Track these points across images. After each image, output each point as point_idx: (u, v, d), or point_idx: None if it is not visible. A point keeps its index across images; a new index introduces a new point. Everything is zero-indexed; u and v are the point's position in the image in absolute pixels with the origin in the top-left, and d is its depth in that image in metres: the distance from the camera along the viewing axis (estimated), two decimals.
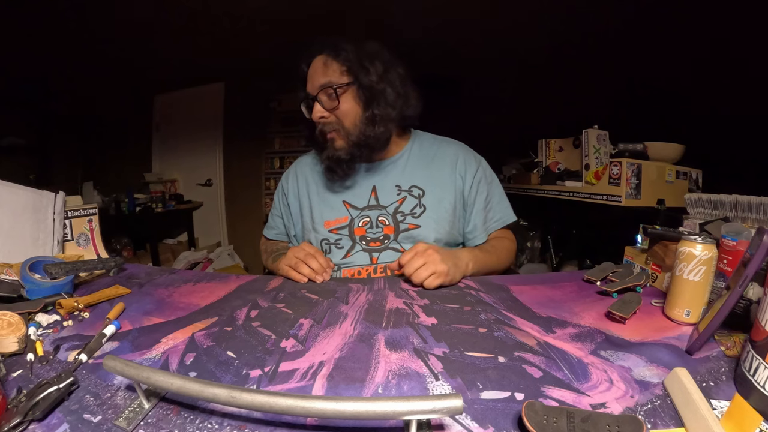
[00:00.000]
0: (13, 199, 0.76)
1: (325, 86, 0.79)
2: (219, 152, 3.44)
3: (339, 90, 0.79)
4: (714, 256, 0.50)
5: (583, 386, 0.38)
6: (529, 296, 0.63)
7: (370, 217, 0.86)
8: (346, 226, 0.86)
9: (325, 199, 0.90)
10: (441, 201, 0.86)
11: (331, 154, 0.82)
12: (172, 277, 0.77)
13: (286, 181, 0.99)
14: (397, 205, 0.86)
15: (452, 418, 0.34)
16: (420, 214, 0.85)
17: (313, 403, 0.29)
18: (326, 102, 0.80)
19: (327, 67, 0.80)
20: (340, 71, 0.80)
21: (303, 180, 0.95)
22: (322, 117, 0.81)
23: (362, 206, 0.87)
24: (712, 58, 1.74)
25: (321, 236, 0.87)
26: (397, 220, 0.85)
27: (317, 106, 0.80)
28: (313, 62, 0.82)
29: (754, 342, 0.36)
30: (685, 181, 1.54)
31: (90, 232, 0.91)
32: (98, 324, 0.54)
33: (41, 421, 0.34)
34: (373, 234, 0.85)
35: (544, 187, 1.91)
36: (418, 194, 0.86)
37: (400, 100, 0.82)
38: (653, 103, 2.00)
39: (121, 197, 3.01)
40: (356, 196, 0.88)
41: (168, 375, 0.33)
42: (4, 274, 0.63)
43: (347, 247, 0.86)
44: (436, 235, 0.84)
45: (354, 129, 0.81)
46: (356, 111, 0.81)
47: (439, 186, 0.87)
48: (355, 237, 0.86)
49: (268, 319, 0.55)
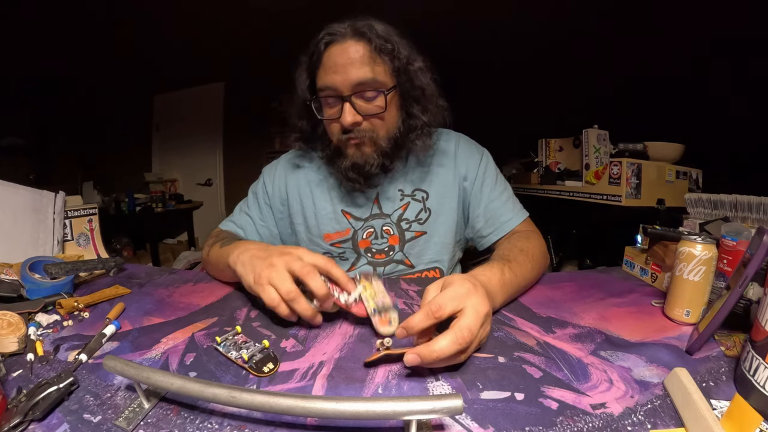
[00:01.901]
0: (13, 199, 0.76)
1: (367, 86, 0.64)
2: (219, 152, 3.44)
3: (388, 94, 0.66)
4: (714, 256, 0.50)
5: (583, 386, 0.38)
6: (529, 296, 0.63)
7: (374, 227, 0.77)
8: (349, 239, 0.78)
9: (321, 208, 0.79)
10: (445, 201, 0.78)
11: (358, 162, 0.69)
12: (172, 277, 0.77)
13: (271, 180, 0.84)
14: (401, 212, 0.77)
15: (452, 418, 0.34)
16: (426, 220, 0.77)
17: (313, 403, 0.29)
18: (362, 105, 0.65)
19: (372, 61, 0.64)
20: (385, 70, 0.65)
21: (294, 183, 0.82)
22: (356, 123, 0.66)
23: (365, 217, 0.78)
24: (713, 57, 1.74)
25: (322, 250, 0.79)
26: (401, 228, 0.77)
27: (348, 108, 0.65)
28: (343, 46, 0.64)
29: (754, 342, 0.36)
30: (685, 181, 1.54)
31: (90, 232, 0.91)
32: (98, 324, 0.54)
33: (41, 421, 0.34)
34: (378, 245, 0.78)
35: (544, 187, 1.91)
36: (421, 197, 0.77)
37: (440, 105, 0.73)
38: (653, 103, 2.00)
39: (121, 197, 3.02)
40: (358, 205, 0.78)
41: (168, 375, 0.33)
42: (4, 274, 0.63)
43: (352, 260, 0.79)
44: (443, 240, 0.78)
45: (387, 136, 0.70)
46: (396, 118, 0.70)
47: (442, 185, 0.78)
48: (359, 250, 0.78)
49: (268, 319, 0.55)
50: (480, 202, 0.78)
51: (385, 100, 0.66)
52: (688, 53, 1.85)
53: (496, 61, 2.57)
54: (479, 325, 0.40)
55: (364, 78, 0.64)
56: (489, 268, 0.54)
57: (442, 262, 0.80)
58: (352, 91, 0.65)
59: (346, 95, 0.65)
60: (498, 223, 0.77)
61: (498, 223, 0.77)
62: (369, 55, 0.64)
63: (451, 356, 0.38)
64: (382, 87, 0.65)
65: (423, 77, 0.70)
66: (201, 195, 3.53)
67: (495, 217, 0.77)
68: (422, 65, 0.70)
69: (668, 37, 1.92)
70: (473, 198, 0.79)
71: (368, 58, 0.64)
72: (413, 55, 0.69)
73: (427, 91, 0.70)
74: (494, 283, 0.52)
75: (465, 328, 0.38)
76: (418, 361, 0.38)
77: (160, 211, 3.08)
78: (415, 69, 0.68)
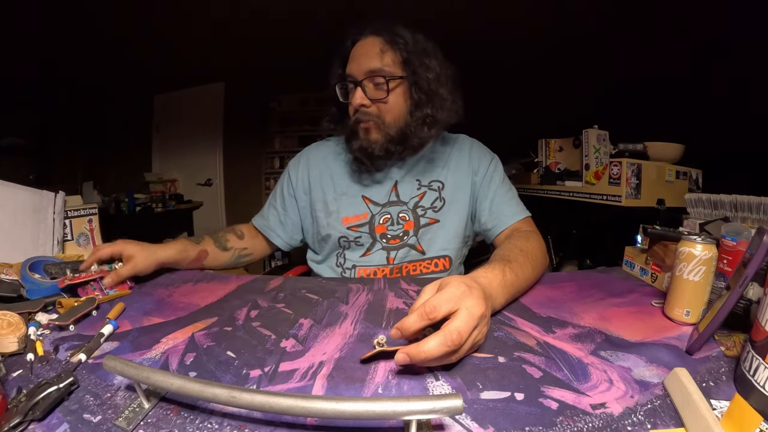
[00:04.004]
0: (13, 199, 0.76)
1: (376, 73, 0.74)
2: (219, 152, 3.44)
3: (391, 82, 0.74)
4: (714, 256, 0.50)
5: (583, 386, 0.38)
6: (529, 296, 0.63)
7: (391, 213, 0.83)
8: (366, 223, 0.83)
9: (342, 193, 0.85)
10: (459, 193, 0.84)
11: (364, 146, 0.78)
12: (172, 277, 0.77)
13: (296, 172, 0.91)
14: (417, 200, 0.83)
15: (452, 418, 0.34)
16: (440, 208, 0.83)
17: (313, 403, 0.29)
18: (371, 90, 0.75)
19: (382, 52, 0.74)
20: (394, 61, 0.74)
21: (316, 172, 0.89)
22: (363, 105, 0.75)
23: (383, 202, 0.83)
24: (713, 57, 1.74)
25: (339, 233, 0.83)
26: (417, 214, 0.82)
27: (359, 92, 0.75)
28: (363, 42, 0.76)
29: (754, 342, 0.36)
30: (685, 181, 1.54)
31: (90, 232, 0.92)
32: (98, 324, 0.54)
33: (41, 421, 0.34)
34: (394, 231, 0.82)
35: (544, 187, 1.91)
36: (438, 187, 0.84)
37: (451, 104, 0.78)
38: (653, 103, 2.00)
39: (121, 197, 3.01)
40: (376, 191, 0.84)
41: (168, 375, 0.33)
42: (4, 274, 0.63)
43: (367, 245, 0.84)
44: (454, 230, 0.83)
45: (395, 124, 0.77)
46: (402, 107, 0.77)
47: (456, 177, 0.85)
48: (375, 235, 0.83)
49: (268, 319, 0.55)
50: (487, 197, 0.85)
51: (388, 86, 0.74)
52: (688, 53, 1.85)
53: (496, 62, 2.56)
54: (471, 327, 0.40)
55: (374, 66, 0.74)
56: (490, 269, 0.55)
57: (451, 250, 0.84)
58: (364, 77, 0.75)
59: (359, 81, 0.75)
60: (502, 217, 0.83)
61: (502, 217, 0.83)
62: (381, 48, 0.74)
63: (440, 357, 0.39)
64: (389, 75, 0.74)
65: (431, 73, 0.75)
66: (201, 195, 3.53)
67: (499, 211, 0.83)
68: (436, 63, 0.76)
69: (668, 37, 1.92)
70: (481, 193, 0.85)
71: (380, 50, 0.74)
72: (428, 53, 0.76)
73: (435, 86, 0.75)
74: (495, 285, 0.53)
75: (455, 331, 0.38)
76: (407, 360, 0.39)
77: (160, 211, 3.08)
78: (426, 64, 0.75)
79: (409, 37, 0.75)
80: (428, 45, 0.78)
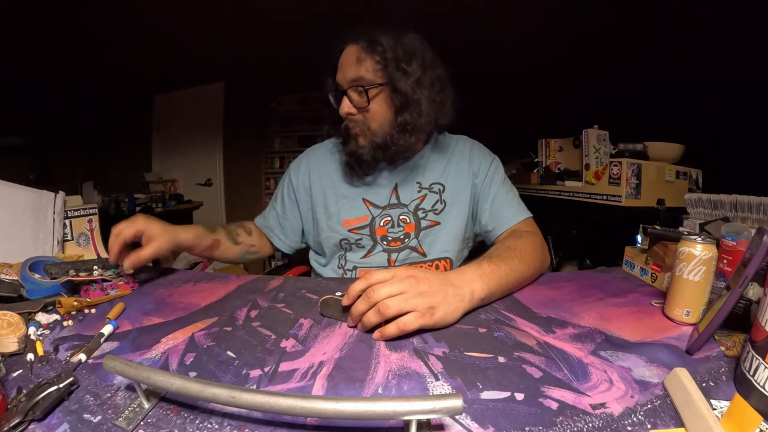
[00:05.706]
0: (13, 199, 0.76)
1: (356, 82, 0.74)
2: (219, 152, 3.44)
3: (370, 90, 0.73)
4: (714, 256, 0.50)
5: (583, 386, 0.38)
6: (529, 296, 0.63)
7: (392, 216, 0.83)
8: (366, 226, 0.83)
9: (343, 195, 0.85)
10: (459, 195, 0.84)
11: (353, 151, 0.78)
12: (172, 277, 0.77)
13: (296, 175, 0.91)
14: (418, 203, 0.83)
15: (452, 418, 0.34)
16: (441, 210, 0.83)
17: (313, 403, 0.29)
18: (356, 99, 0.75)
19: (360, 61, 0.73)
20: (374, 69, 0.73)
21: (317, 174, 0.89)
22: (350, 113, 0.76)
23: (383, 205, 0.83)
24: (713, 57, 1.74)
25: (340, 236, 0.84)
26: (418, 217, 0.82)
27: (346, 101, 0.75)
28: (346, 51, 0.76)
29: (754, 342, 0.36)
30: (685, 181, 1.54)
31: (90, 232, 0.91)
32: (98, 324, 0.54)
33: (41, 421, 0.34)
34: (395, 233, 0.82)
35: (544, 187, 1.91)
36: (438, 189, 0.84)
37: (434, 108, 0.76)
38: (653, 103, 2.00)
39: (121, 197, 3.01)
40: (377, 194, 0.84)
41: (168, 375, 0.33)
42: (4, 274, 0.63)
43: (368, 247, 0.84)
44: (455, 231, 0.83)
45: (380, 131, 0.76)
46: (386, 114, 0.76)
47: (457, 180, 0.84)
48: (376, 237, 0.83)
49: (268, 319, 0.55)
50: (487, 198, 0.84)
51: (367, 95, 0.74)
52: (688, 53, 1.85)
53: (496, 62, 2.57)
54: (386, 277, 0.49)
55: (353, 75, 0.74)
56: (465, 265, 0.60)
57: (452, 252, 0.85)
58: (348, 86, 0.75)
59: (344, 90, 0.76)
60: (502, 218, 0.82)
61: (502, 218, 0.82)
62: (359, 56, 0.74)
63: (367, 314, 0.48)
64: (368, 84, 0.73)
65: (411, 78, 0.73)
66: (201, 195, 3.52)
67: (499, 212, 0.83)
68: (418, 66, 0.74)
69: (668, 37, 1.92)
70: (482, 194, 0.85)
71: (357, 59, 0.74)
72: (410, 57, 0.74)
73: (413, 91, 0.73)
74: (468, 273, 0.56)
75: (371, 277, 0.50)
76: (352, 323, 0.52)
77: (160, 211, 3.07)
78: (404, 69, 0.73)
79: (388, 43, 0.73)
80: (415, 46, 0.76)
